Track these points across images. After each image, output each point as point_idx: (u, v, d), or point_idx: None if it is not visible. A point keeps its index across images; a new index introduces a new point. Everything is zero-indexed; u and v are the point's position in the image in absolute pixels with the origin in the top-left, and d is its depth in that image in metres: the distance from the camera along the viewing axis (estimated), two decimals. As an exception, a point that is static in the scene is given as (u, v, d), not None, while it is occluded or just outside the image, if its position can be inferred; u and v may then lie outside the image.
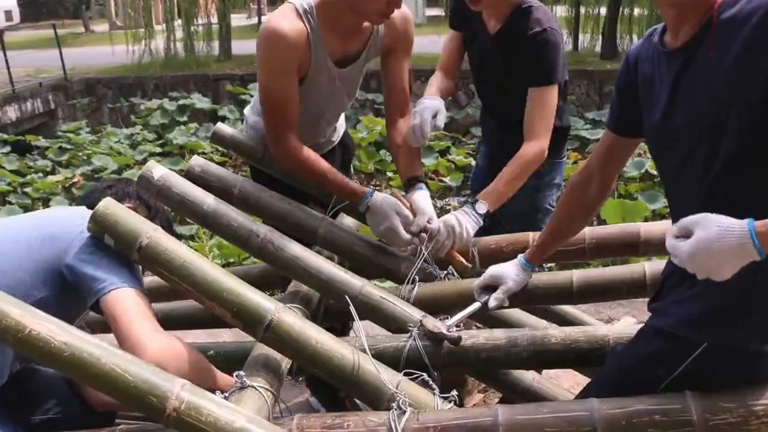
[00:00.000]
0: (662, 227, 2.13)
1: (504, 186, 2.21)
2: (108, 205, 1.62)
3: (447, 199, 8.41)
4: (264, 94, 2.11)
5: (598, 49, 14.25)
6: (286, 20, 2.02)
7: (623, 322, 3.54)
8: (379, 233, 2.11)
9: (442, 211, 8.42)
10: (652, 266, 1.99)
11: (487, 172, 2.51)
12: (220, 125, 2.41)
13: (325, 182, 2.15)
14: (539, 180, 2.45)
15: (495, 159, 2.47)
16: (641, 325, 1.61)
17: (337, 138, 2.53)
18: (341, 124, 2.55)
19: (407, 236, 2.07)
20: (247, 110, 2.52)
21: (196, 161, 2.22)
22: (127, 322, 1.49)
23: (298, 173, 2.18)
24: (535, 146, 2.23)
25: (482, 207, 2.16)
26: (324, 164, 2.15)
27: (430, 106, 2.27)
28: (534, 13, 2.25)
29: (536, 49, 2.23)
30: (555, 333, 1.74)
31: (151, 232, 1.62)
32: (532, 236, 2.15)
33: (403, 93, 2.31)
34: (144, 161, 9.28)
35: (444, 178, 9.26)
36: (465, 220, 2.12)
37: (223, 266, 5.32)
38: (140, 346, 1.44)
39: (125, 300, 1.52)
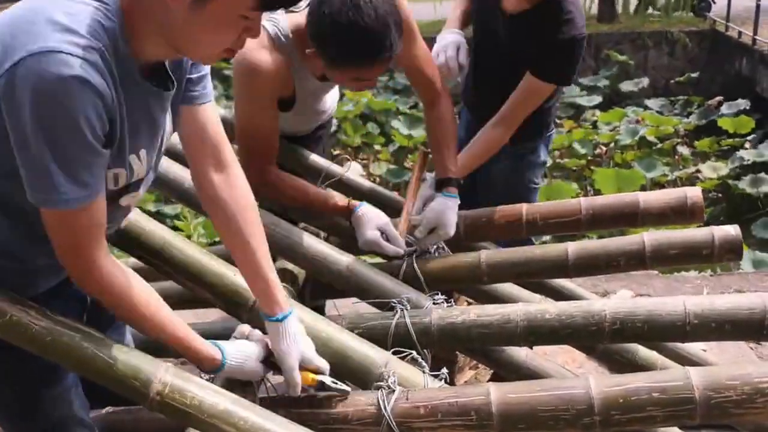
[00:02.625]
0: (662, 196, 2.09)
1: (470, 160, 2.21)
2: None
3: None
4: (242, 130, 1.98)
5: (594, 11, 13.99)
6: (264, 52, 1.86)
7: (620, 295, 3.53)
8: (361, 245, 1.99)
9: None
10: (650, 237, 1.95)
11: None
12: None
13: (311, 203, 2.04)
14: (521, 161, 2.41)
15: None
16: (638, 298, 1.57)
17: (333, 105, 2.44)
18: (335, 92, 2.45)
19: (390, 247, 1.96)
20: None
21: (178, 139, 2.16)
22: None
23: (283, 200, 2.06)
24: (504, 134, 2.21)
25: (454, 189, 2.07)
26: (307, 186, 2.06)
27: (452, 41, 2.20)
28: (571, 11, 2.11)
29: (564, 50, 2.13)
30: (549, 308, 1.70)
31: (131, 216, 1.58)
32: (526, 207, 2.11)
33: (426, 83, 2.13)
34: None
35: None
36: (449, 204, 2.05)
37: (210, 245, 5.32)
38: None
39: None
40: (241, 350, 1.45)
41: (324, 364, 1.48)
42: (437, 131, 2.15)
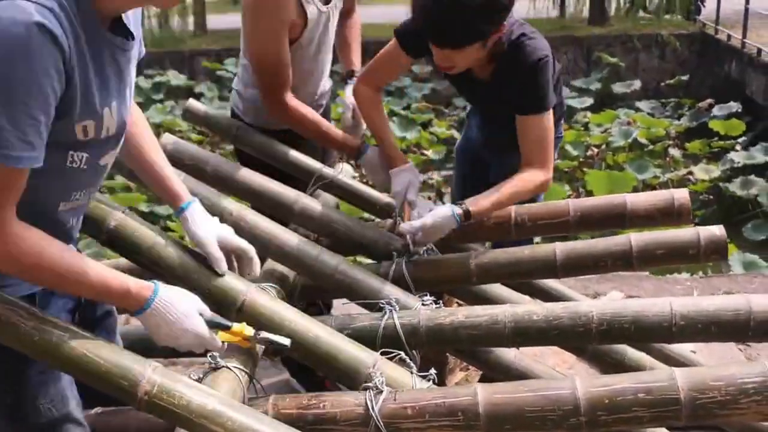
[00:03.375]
0: (649, 198, 2.10)
1: (490, 202, 2.03)
2: None
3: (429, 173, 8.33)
4: (257, 59, 2.16)
5: (585, 14, 14.03)
6: None
7: (610, 296, 3.54)
8: (378, 183, 2.26)
9: (424, 185, 8.38)
10: (637, 237, 1.96)
11: (483, 145, 2.48)
12: (192, 102, 2.36)
13: (321, 134, 2.26)
14: None
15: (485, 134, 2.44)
16: (628, 300, 1.58)
17: (329, 88, 2.56)
18: (328, 79, 2.55)
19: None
20: (237, 84, 2.43)
21: (168, 139, 2.19)
22: None
23: (297, 128, 2.26)
24: (540, 176, 2.08)
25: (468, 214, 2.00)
26: (318, 118, 2.26)
27: (399, 190, 2.14)
28: (524, 45, 2.04)
29: (528, 80, 2.05)
30: (537, 309, 1.70)
31: (119, 215, 1.58)
32: (515, 209, 2.10)
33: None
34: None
35: (426, 152, 9.18)
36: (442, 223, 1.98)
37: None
38: None
39: None
40: (179, 293, 1.40)
41: (246, 245, 1.57)
42: (348, 34, 2.53)
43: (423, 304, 1.79)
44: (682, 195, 2.05)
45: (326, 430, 1.42)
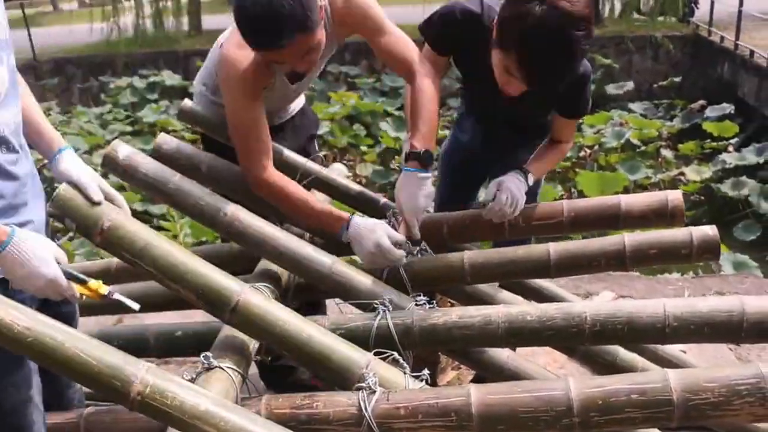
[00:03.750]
0: (643, 199, 2.11)
1: (546, 164, 2.25)
2: (67, 189, 1.56)
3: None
4: (234, 128, 2.02)
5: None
6: (237, 47, 1.92)
7: (602, 296, 3.55)
8: (366, 260, 1.95)
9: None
10: (631, 237, 1.97)
11: (477, 151, 2.44)
12: (186, 102, 2.34)
13: (309, 212, 2.01)
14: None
15: (491, 140, 2.41)
16: (620, 300, 1.58)
17: (296, 107, 2.47)
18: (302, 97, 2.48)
19: (398, 252, 1.93)
20: (198, 83, 2.40)
21: (163, 139, 2.17)
22: None
23: (277, 203, 2.04)
24: (568, 146, 2.29)
25: (531, 178, 2.12)
26: (306, 194, 2.04)
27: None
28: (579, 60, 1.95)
29: (580, 89, 2.09)
30: (530, 310, 1.70)
31: (113, 215, 1.58)
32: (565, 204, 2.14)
33: (399, 64, 2.12)
34: (115, 140, 9.21)
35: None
36: (522, 188, 2.06)
37: (196, 245, 5.29)
38: None
39: None
40: (38, 239, 1.41)
41: (116, 193, 1.61)
42: (413, 105, 2.09)
43: (416, 305, 1.79)
44: (675, 197, 2.06)
45: (319, 430, 1.42)
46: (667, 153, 8.87)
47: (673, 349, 2.31)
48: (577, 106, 2.16)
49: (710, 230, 1.95)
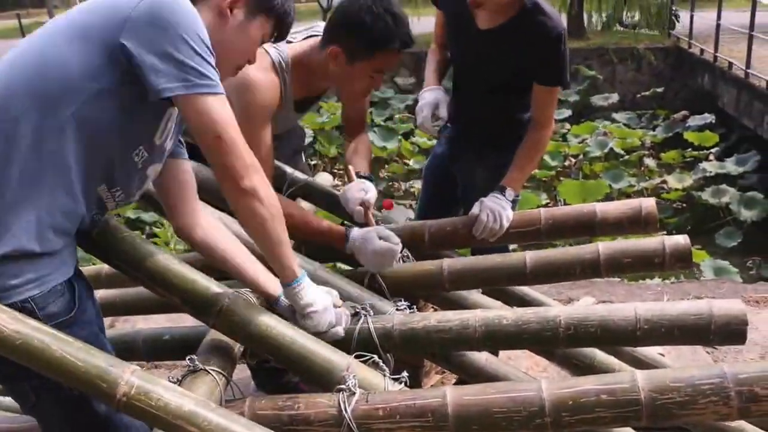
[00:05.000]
0: (618, 207, 2.15)
1: (526, 167, 2.30)
2: None
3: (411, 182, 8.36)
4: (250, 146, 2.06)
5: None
6: (264, 72, 1.99)
7: (582, 302, 3.61)
8: (373, 267, 2.01)
9: (405, 194, 8.43)
10: (605, 246, 2.01)
11: (444, 160, 2.52)
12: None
13: (309, 231, 2.06)
14: (502, 169, 2.41)
15: (456, 147, 2.48)
16: (599, 305, 1.61)
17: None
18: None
19: (394, 246, 1.98)
20: None
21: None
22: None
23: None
24: (546, 132, 2.30)
25: (510, 192, 2.19)
26: (305, 213, 2.11)
27: (428, 101, 2.30)
28: (547, 14, 2.14)
29: (555, 50, 2.15)
30: (507, 314, 1.74)
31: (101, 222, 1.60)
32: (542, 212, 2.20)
33: (353, 121, 2.40)
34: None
35: (407, 161, 9.26)
36: (503, 204, 2.15)
37: (187, 251, 5.26)
38: None
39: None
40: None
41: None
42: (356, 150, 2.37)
43: (397, 309, 1.83)
44: (648, 204, 2.11)
45: (301, 431, 1.45)
46: (649, 162, 8.98)
47: (651, 352, 2.36)
48: (554, 71, 2.19)
49: (682, 239, 1.99)
